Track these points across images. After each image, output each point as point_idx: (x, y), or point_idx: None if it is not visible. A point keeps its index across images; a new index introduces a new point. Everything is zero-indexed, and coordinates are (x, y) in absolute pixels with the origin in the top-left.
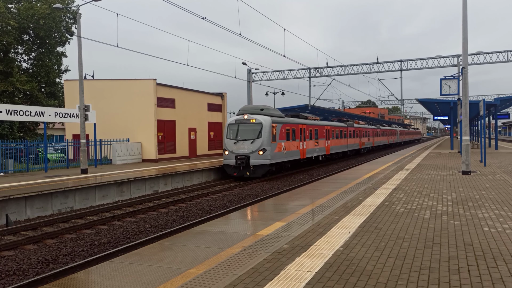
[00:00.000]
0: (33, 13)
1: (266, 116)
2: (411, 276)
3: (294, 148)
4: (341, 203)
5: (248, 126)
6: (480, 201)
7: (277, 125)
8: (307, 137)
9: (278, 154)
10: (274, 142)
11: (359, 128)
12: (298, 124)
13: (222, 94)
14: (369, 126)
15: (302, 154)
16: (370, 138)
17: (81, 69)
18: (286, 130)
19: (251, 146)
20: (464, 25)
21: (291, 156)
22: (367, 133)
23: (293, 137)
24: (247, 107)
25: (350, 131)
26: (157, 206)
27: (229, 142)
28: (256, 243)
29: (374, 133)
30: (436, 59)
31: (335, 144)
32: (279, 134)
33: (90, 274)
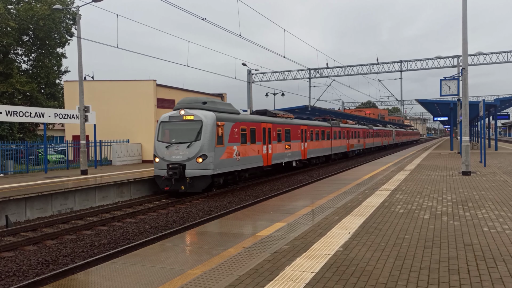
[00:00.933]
0: (32, 14)
1: (209, 112)
2: (411, 277)
3: (253, 153)
4: (341, 204)
5: (184, 124)
6: (480, 201)
7: (225, 124)
8: (274, 139)
9: (227, 162)
10: (220, 145)
11: (347, 128)
12: (260, 123)
13: (222, 95)
14: (359, 126)
15: (266, 160)
16: (361, 139)
17: (81, 70)
18: (241, 130)
19: (187, 151)
20: (464, 26)
21: (248, 164)
22: (356, 134)
23: (252, 139)
24: (186, 99)
25: (335, 131)
26: (157, 207)
27: (160, 146)
28: (256, 243)
29: (366, 133)
30: (436, 59)
31: (315, 146)
32: (229, 135)
33: (90, 275)
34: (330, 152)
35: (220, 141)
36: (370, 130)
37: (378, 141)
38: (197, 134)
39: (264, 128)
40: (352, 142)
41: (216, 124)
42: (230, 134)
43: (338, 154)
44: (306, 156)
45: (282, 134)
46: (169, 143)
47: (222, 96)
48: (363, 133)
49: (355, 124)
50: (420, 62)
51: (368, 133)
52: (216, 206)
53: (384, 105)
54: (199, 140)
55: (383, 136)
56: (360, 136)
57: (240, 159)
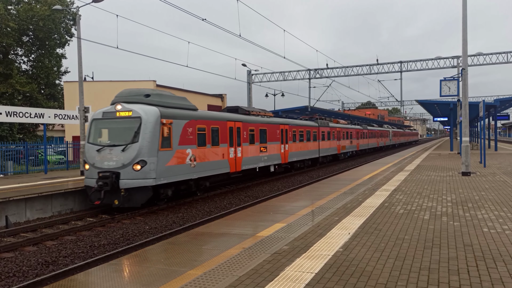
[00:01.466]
0: (32, 14)
1: (152, 107)
2: (411, 277)
3: (216, 158)
4: (341, 204)
5: (120, 122)
6: (480, 202)
7: (174, 122)
8: (246, 141)
9: (178, 169)
10: (167, 149)
11: (337, 129)
12: (225, 122)
13: (222, 96)
14: (352, 126)
15: (234, 165)
16: (354, 140)
17: (80, 70)
18: (198, 130)
19: (122, 156)
20: (464, 26)
21: (209, 170)
22: (348, 135)
23: (214, 141)
24: (125, 91)
25: (323, 132)
26: (157, 207)
27: (91, 149)
28: (256, 244)
29: (359, 134)
30: (436, 60)
31: (298, 149)
32: (180, 135)
33: (90, 276)
34: (317, 154)
35: (167, 143)
36: (365, 130)
37: (374, 142)
38: (135, 134)
39: (231, 128)
40: (344, 143)
41: (161, 122)
42: (182, 135)
43: (327, 156)
44: (288, 159)
45: (256, 135)
46: (100, 146)
47: (222, 97)
48: (356, 133)
49: (348, 124)
50: (420, 62)
51: (362, 133)
52: (216, 206)
53: (384, 106)
54: (137, 142)
55: (379, 136)
56: (353, 137)
57: (196, 165)
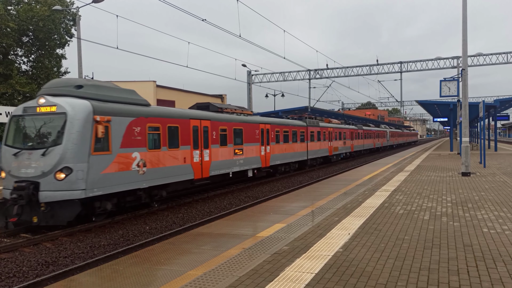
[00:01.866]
0: (32, 15)
1: (83, 100)
2: (411, 277)
3: (175, 162)
4: (341, 205)
5: (41, 120)
6: (480, 202)
7: (114, 120)
8: (215, 142)
9: (120, 177)
10: (103, 152)
11: (328, 129)
12: (187, 120)
13: (222, 96)
14: (346, 126)
15: (199, 170)
16: (347, 141)
17: (80, 71)
18: (150, 129)
19: (42, 161)
20: (464, 27)
21: (165, 177)
22: (341, 135)
23: (172, 143)
24: (54, 81)
25: (313, 132)
26: (157, 208)
27: (7, 153)
28: (256, 244)
29: (354, 134)
30: (436, 60)
31: (283, 151)
32: (123, 136)
33: (90, 276)
34: (305, 156)
35: (103, 145)
36: (360, 130)
37: (369, 143)
38: (58, 134)
39: (196, 127)
40: (336, 144)
41: (94, 119)
42: (126, 135)
43: (316, 159)
44: (269, 162)
45: (229, 135)
46: (18, 149)
47: (222, 97)
48: (350, 134)
49: (341, 124)
50: (420, 63)
51: (357, 134)
52: (216, 207)
53: (384, 106)
54: (60, 144)
55: (375, 137)
56: (347, 138)
57: (147, 172)
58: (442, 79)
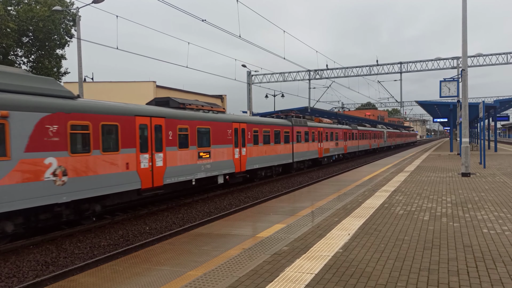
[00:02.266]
0: (32, 15)
1: None
2: (411, 278)
3: (112, 169)
4: (341, 205)
5: None
6: (480, 203)
7: (14, 116)
8: (173, 144)
9: (23, 190)
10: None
11: (318, 129)
12: (132, 117)
13: (222, 96)
14: (338, 126)
15: (149, 179)
16: (340, 142)
17: (80, 71)
18: (73, 128)
19: None
20: (464, 27)
21: (98, 188)
22: (333, 136)
23: (109, 145)
24: None
25: (299, 132)
26: (157, 208)
27: None
28: (255, 245)
29: (347, 135)
30: (436, 61)
31: (262, 153)
32: (30, 137)
33: (90, 276)
34: (290, 159)
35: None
36: (354, 131)
37: (365, 144)
38: None
39: (144, 126)
40: (328, 145)
41: None
42: (34, 136)
43: (304, 161)
44: (245, 167)
45: (192, 136)
46: None
47: (222, 97)
48: (343, 134)
49: (333, 124)
50: (420, 63)
51: (351, 134)
52: (216, 207)
53: (384, 107)
54: None
55: (371, 138)
56: (340, 138)
57: (69, 182)
58: (442, 79)
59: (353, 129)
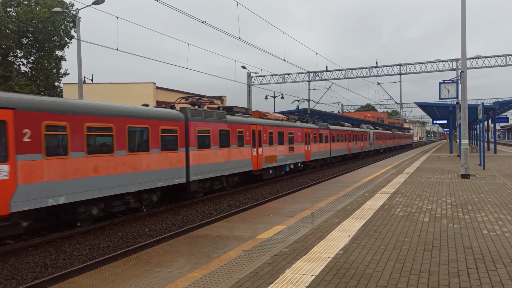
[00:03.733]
0: (32, 16)
1: None
2: (411, 279)
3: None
4: (341, 207)
5: None
6: (479, 204)
7: None
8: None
9: None
10: None
11: (251, 126)
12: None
13: (221, 98)
14: (293, 124)
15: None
16: (297, 146)
17: (80, 72)
18: None
19: None
20: (463, 29)
21: None
22: (284, 137)
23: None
24: None
25: (204, 132)
26: (155, 209)
27: None
28: (256, 246)
29: (311, 136)
30: (435, 63)
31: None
32: None
33: (89, 278)
34: (182, 177)
35: None
36: (323, 130)
37: (341, 148)
38: None
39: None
40: (273, 151)
41: None
42: None
43: (214, 180)
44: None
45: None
46: None
47: (222, 99)
48: (303, 135)
49: (287, 120)
50: (419, 65)
51: (318, 135)
52: (216, 209)
53: (383, 108)
54: None
55: (351, 139)
56: (297, 141)
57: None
58: (442, 81)
59: (322, 128)
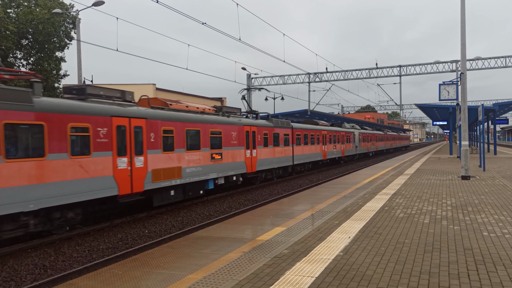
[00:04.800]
0: (32, 18)
1: None
2: (411, 281)
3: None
4: (341, 208)
5: None
6: (480, 206)
7: None
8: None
9: None
10: None
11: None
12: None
13: (221, 99)
14: (227, 120)
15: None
16: (235, 151)
17: (80, 74)
18: None
19: None
20: (462, 31)
21: None
22: (203, 140)
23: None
24: None
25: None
26: (156, 212)
27: None
28: (256, 248)
29: (263, 137)
30: (435, 64)
31: None
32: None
33: (88, 280)
34: None
35: None
36: (279, 130)
37: (311, 153)
38: None
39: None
40: (180, 161)
41: None
42: None
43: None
44: None
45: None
46: None
47: (222, 100)
48: (239, 135)
49: (203, 114)
50: (419, 66)
51: (272, 137)
52: (216, 210)
53: (383, 110)
54: None
55: (328, 142)
56: (231, 144)
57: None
58: (441, 82)
59: (278, 126)
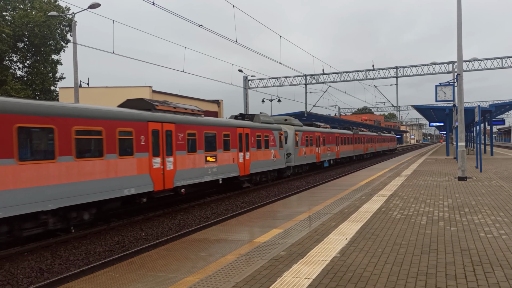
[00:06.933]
0: (28, 21)
1: None
2: (408, 282)
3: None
4: (338, 210)
5: None
6: (476, 206)
7: None
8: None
9: None
10: None
11: None
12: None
13: (218, 101)
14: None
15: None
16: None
17: (76, 76)
18: None
19: None
20: (459, 33)
21: None
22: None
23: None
24: None
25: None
26: (153, 215)
27: None
28: (253, 250)
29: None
30: (432, 65)
31: None
32: None
33: (85, 283)
34: None
35: None
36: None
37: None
38: None
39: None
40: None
41: None
42: None
43: None
44: None
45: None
46: None
47: (218, 102)
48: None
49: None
50: (416, 68)
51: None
52: (213, 212)
53: (380, 111)
54: None
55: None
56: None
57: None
58: (438, 84)
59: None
